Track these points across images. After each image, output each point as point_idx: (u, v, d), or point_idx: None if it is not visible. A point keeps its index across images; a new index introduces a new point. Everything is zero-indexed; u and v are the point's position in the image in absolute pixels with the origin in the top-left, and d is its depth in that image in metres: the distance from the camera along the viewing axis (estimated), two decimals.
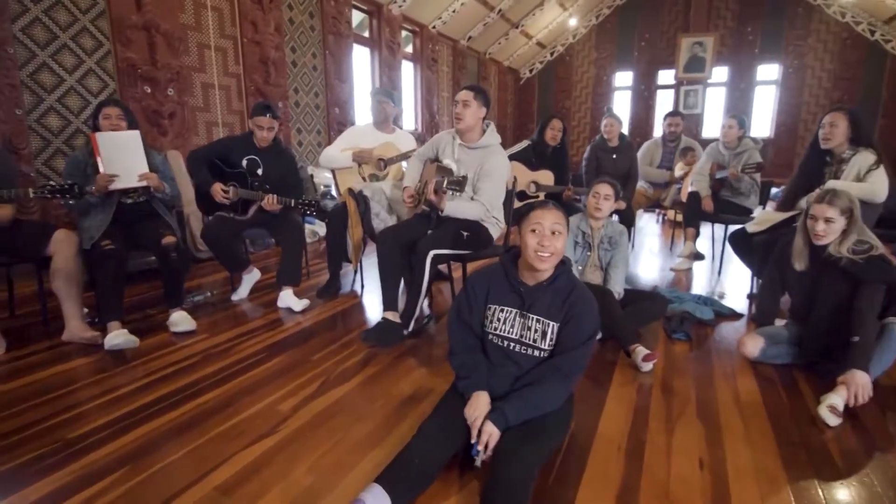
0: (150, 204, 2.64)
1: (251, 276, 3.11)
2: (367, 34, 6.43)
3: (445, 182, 2.27)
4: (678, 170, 4.33)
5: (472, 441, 1.41)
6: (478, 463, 1.40)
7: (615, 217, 3.45)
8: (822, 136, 2.59)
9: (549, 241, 1.48)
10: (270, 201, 2.79)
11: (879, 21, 8.07)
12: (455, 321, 1.65)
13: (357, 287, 3.34)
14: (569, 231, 2.62)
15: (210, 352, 2.33)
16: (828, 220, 1.97)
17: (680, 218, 4.68)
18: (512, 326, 1.57)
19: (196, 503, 1.37)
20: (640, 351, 2.17)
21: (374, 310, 2.98)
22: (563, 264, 1.58)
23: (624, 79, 10.22)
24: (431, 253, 2.33)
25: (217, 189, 2.79)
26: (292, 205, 2.84)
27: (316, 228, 4.78)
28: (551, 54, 10.60)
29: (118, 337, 2.26)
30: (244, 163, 2.92)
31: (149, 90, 3.70)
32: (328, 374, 2.13)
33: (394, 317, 2.48)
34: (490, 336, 1.61)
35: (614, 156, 4.18)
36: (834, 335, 2.04)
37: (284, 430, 1.72)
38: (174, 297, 2.57)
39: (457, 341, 1.63)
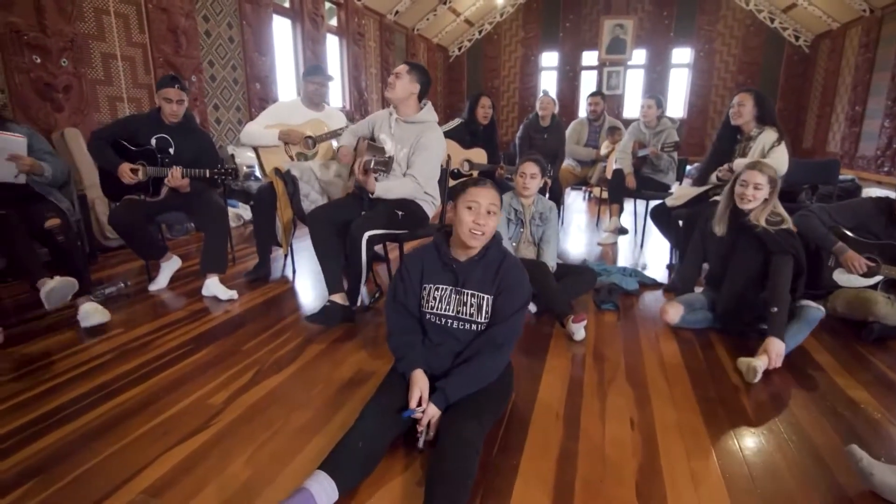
0: (28, 186, 2.35)
1: (170, 264, 2.89)
2: (287, 4, 6.08)
3: (373, 162, 2.22)
4: (604, 148, 4.50)
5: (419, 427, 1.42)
6: (420, 444, 1.41)
7: (547, 195, 3.55)
8: (732, 114, 2.79)
9: (483, 220, 1.51)
10: (174, 175, 2.55)
11: (778, 9, 8.75)
12: (391, 303, 1.64)
13: (288, 272, 3.21)
14: (502, 208, 2.69)
15: (126, 347, 2.15)
16: (756, 187, 2.15)
17: (605, 195, 4.89)
18: (448, 304, 1.58)
19: None
20: (573, 321, 2.26)
21: (307, 295, 2.88)
22: (494, 237, 1.61)
23: (550, 59, 10.43)
24: (366, 234, 2.27)
25: (125, 169, 2.54)
26: (207, 175, 2.62)
27: (240, 212, 4.52)
28: (479, 32, 10.58)
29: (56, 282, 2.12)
30: (153, 142, 2.68)
31: (38, 60, 3.28)
32: (262, 364, 2.04)
33: (341, 299, 2.41)
34: (427, 315, 1.61)
35: (545, 135, 4.29)
36: (743, 299, 2.23)
37: (217, 424, 1.63)
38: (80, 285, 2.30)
39: (393, 323, 1.63)
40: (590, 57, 10.03)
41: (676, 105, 9.86)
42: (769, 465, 1.47)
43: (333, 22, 7.05)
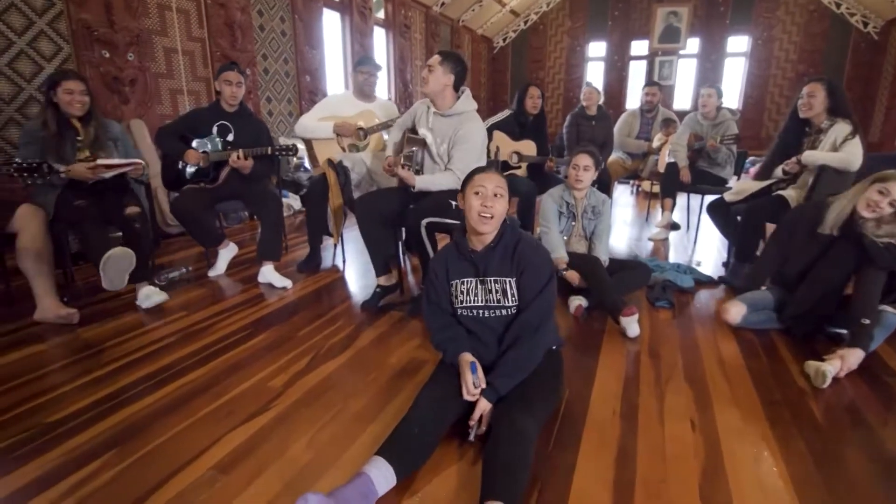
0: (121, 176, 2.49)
1: (228, 251, 3.00)
2: None
3: (402, 159, 2.24)
4: (656, 141, 4.36)
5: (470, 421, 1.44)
6: (471, 437, 1.43)
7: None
8: (801, 106, 2.63)
9: (491, 203, 1.52)
10: (237, 157, 2.65)
11: None
12: (427, 305, 1.68)
13: (339, 261, 3.27)
14: (553, 201, 2.64)
15: (189, 330, 2.25)
16: (893, 203, 1.96)
17: (656, 189, 4.74)
18: (476, 295, 1.60)
19: (193, 483, 1.34)
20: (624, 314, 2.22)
21: (357, 283, 2.93)
22: (506, 223, 1.62)
23: (597, 49, 10.16)
24: (424, 221, 2.29)
25: (192, 153, 2.66)
26: (269, 152, 2.72)
27: (290, 202, 4.64)
28: (525, 23, 10.42)
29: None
30: (214, 129, 2.78)
31: (107, 55, 3.46)
32: (317, 349, 2.09)
33: (387, 280, 2.48)
34: (460, 311, 1.63)
35: (593, 123, 4.20)
36: (819, 305, 2.11)
37: (277, 406, 1.68)
38: (141, 270, 2.43)
39: (432, 322, 1.66)
40: (639, 46, 9.71)
41: (731, 96, 9.43)
42: (842, 473, 1.39)
43: (381, 14, 7.09)
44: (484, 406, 1.44)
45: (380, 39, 7.11)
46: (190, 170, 2.75)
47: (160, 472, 1.37)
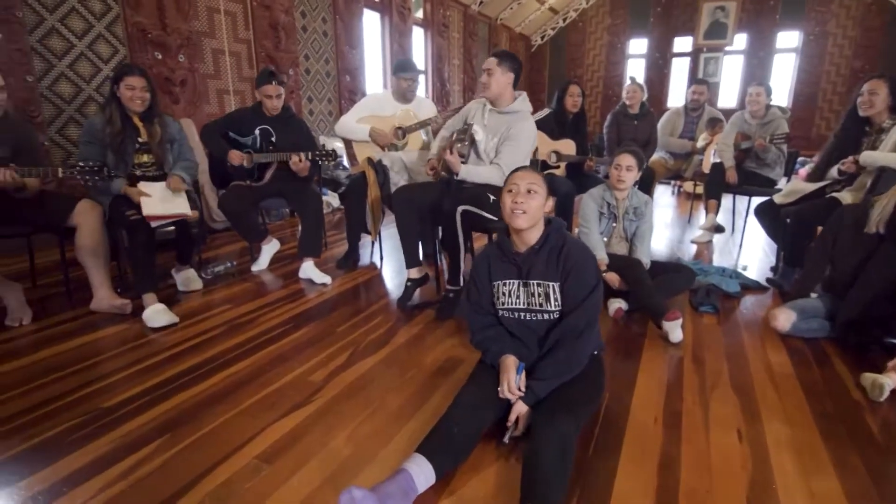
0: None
1: (271, 247, 3.09)
2: None
3: (455, 135, 2.24)
4: (701, 140, 4.22)
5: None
6: (506, 439, 1.42)
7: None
8: (861, 103, 2.50)
9: (522, 199, 1.51)
10: (300, 159, 2.75)
11: None
12: (467, 305, 1.68)
13: (376, 259, 3.31)
14: (594, 201, 2.60)
15: (234, 322, 2.33)
16: None
17: (699, 190, 4.59)
18: (517, 297, 1.58)
19: (237, 472, 1.38)
20: (667, 318, 2.16)
21: (393, 281, 2.96)
22: (551, 224, 1.59)
23: (638, 46, 9.93)
24: (460, 208, 2.29)
25: (234, 154, 2.75)
26: (310, 157, 2.80)
27: (329, 199, 4.72)
28: (564, 20, 10.29)
29: (159, 315, 2.23)
30: (257, 132, 2.86)
31: (160, 56, 3.61)
32: (356, 345, 2.12)
33: (418, 273, 2.54)
34: (502, 312, 1.62)
35: (636, 122, 4.10)
36: (872, 310, 2.01)
37: (318, 400, 1.72)
38: (186, 258, 2.65)
39: (473, 321, 1.66)
40: (682, 43, 9.43)
41: (780, 94, 9.05)
42: None
43: (419, 14, 7.13)
44: (521, 409, 1.43)
45: (418, 39, 7.16)
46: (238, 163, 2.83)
47: (208, 458, 1.43)
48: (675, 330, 2.14)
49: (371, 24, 6.18)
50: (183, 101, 3.80)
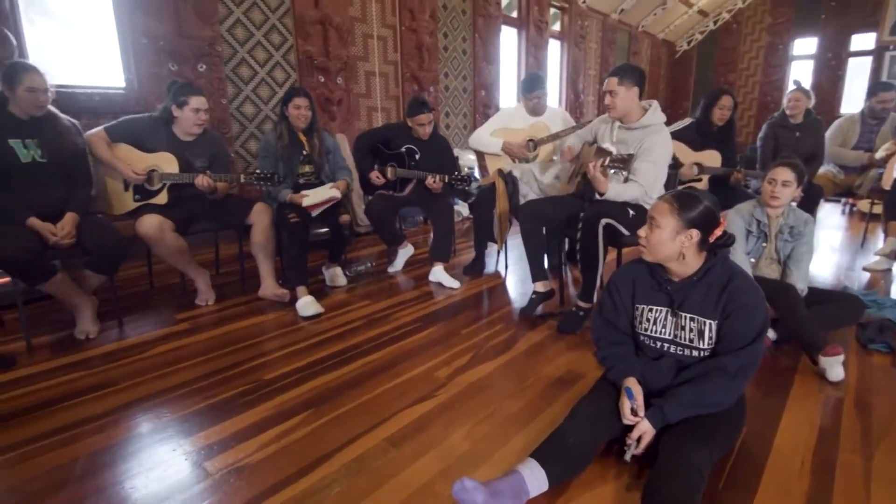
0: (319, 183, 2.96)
1: (406, 251, 3.34)
2: (514, 14, 6.37)
3: (608, 160, 2.18)
4: (882, 150, 3.63)
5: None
6: (627, 457, 1.37)
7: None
8: None
9: (643, 232, 1.45)
10: (434, 180, 2.96)
11: None
12: (597, 319, 1.61)
13: (501, 268, 3.39)
14: (740, 218, 2.39)
15: (372, 317, 2.57)
16: None
17: (877, 209, 3.94)
18: (664, 327, 1.48)
19: (369, 450, 1.54)
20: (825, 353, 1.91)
21: (516, 290, 3.01)
22: (716, 255, 1.43)
23: (805, 46, 8.81)
24: (603, 221, 2.25)
25: (374, 174, 3.07)
26: (446, 181, 2.97)
27: (460, 209, 4.94)
28: (714, 22, 9.51)
29: (309, 306, 2.55)
30: (403, 149, 3.13)
31: (322, 79, 4.11)
32: (478, 349, 2.22)
33: (543, 287, 2.54)
34: (642, 338, 1.53)
35: (797, 133, 3.65)
36: None
37: (441, 395, 1.84)
38: (336, 257, 3.00)
39: (600, 336, 1.59)
40: (862, 40, 8.15)
41: None
42: None
43: (556, 27, 7.14)
44: (645, 428, 1.36)
45: (553, 51, 7.15)
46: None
47: (345, 434, 1.61)
48: (834, 367, 1.89)
49: (507, 39, 6.33)
50: (338, 119, 4.28)
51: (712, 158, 3.31)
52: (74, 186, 2.28)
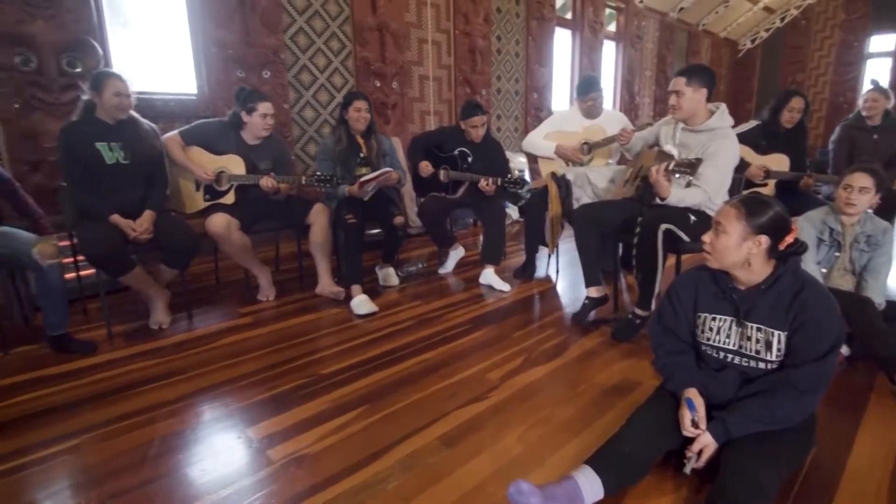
0: (384, 192, 3.05)
1: (457, 253, 3.37)
2: (569, 16, 6.30)
3: (672, 164, 2.12)
4: None
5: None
6: (687, 470, 1.33)
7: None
8: None
9: (708, 238, 1.41)
10: (487, 183, 2.96)
11: None
12: (656, 325, 1.57)
13: (552, 272, 3.36)
14: (812, 226, 2.27)
15: (424, 317, 2.61)
16: None
17: None
18: (728, 336, 1.42)
19: (423, 447, 1.57)
20: None
21: (567, 295, 2.97)
22: (786, 263, 1.36)
23: (883, 43, 8.22)
24: (662, 227, 2.19)
25: (424, 164, 3.10)
26: (499, 183, 2.97)
27: (509, 211, 4.91)
28: (781, 20, 9.03)
29: (363, 305, 2.63)
30: (456, 152, 3.16)
31: (378, 84, 4.21)
32: (529, 353, 2.21)
33: (597, 292, 2.50)
34: (704, 347, 1.48)
35: (875, 136, 3.42)
36: None
37: (494, 397, 1.85)
38: (390, 259, 3.08)
39: (658, 345, 1.55)
40: None
41: None
42: None
43: (612, 27, 7.00)
44: (706, 441, 1.31)
45: (608, 52, 7.01)
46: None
47: (399, 430, 1.65)
48: None
49: (561, 40, 6.27)
50: (393, 122, 4.37)
51: (780, 162, 3.15)
52: (152, 186, 2.44)
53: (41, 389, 1.91)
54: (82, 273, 2.57)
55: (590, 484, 1.27)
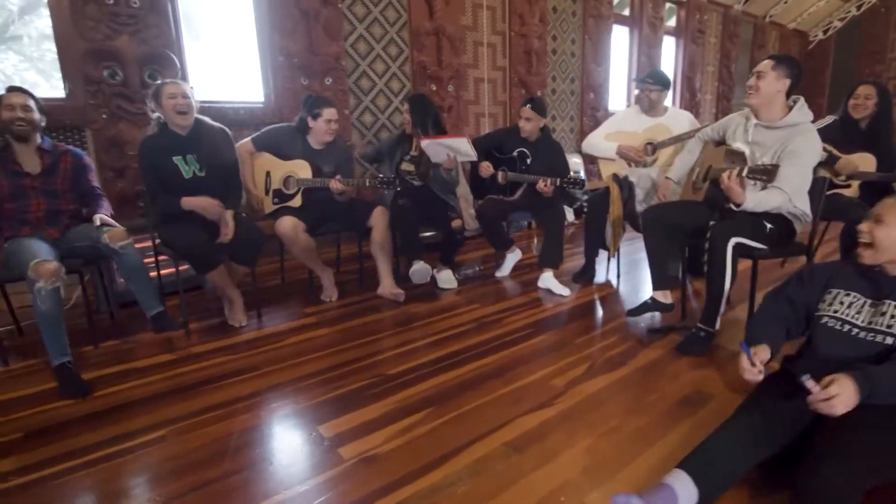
0: (431, 189, 3.10)
1: (514, 256, 3.35)
2: (626, 12, 6.13)
3: (746, 170, 2.01)
4: None
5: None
6: (804, 378, 1.22)
7: None
8: None
9: (867, 227, 1.39)
10: (546, 184, 2.92)
11: None
12: (773, 295, 1.58)
13: (612, 276, 3.28)
14: None
15: (483, 321, 2.60)
16: None
17: None
18: (858, 312, 1.39)
19: (490, 452, 1.56)
20: None
21: (630, 301, 2.88)
22: None
23: None
24: (732, 241, 2.07)
25: (484, 164, 3.10)
26: (558, 183, 2.92)
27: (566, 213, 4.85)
28: (858, 8, 8.41)
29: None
30: (515, 153, 3.14)
31: (434, 88, 4.25)
32: (593, 360, 2.16)
33: (663, 297, 2.39)
34: (825, 318, 1.43)
35: None
36: None
37: (559, 405, 1.82)
38: (447, 260, 3.14)
39: (765, 308, 1.57)
40: None
41: None
42: None
43: (671, 22, 6.75)
44: (839, 391, 1.15)
45: (668, 48, 6.77)
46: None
47: (466, 434, 1.65)
48: None
49: (618, 38, 6.11)
50: (448, 125, 4.37)
51: (866, 162, 2.94)
52: (229, 192, 2.55)
53: (129, 382, 2.04)
54: (162, 272, 2.73)
55: (686, 490, 1.21)
